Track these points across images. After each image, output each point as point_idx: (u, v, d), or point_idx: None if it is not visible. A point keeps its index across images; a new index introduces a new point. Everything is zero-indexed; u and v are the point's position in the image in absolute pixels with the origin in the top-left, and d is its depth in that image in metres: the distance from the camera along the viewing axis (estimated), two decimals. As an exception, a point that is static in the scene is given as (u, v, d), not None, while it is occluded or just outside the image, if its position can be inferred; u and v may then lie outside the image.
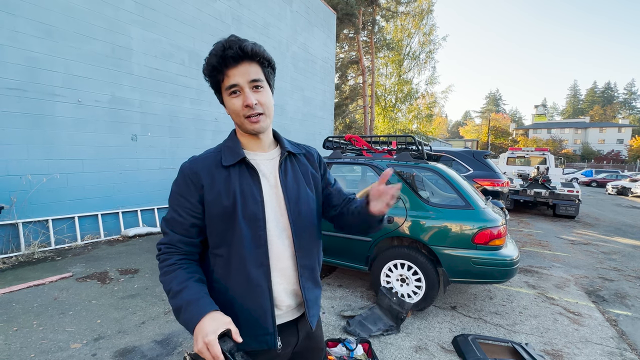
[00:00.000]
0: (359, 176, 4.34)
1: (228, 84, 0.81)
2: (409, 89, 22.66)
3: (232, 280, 0.85)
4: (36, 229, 4.49)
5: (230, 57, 0.78)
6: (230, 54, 0.78)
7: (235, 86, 0.80)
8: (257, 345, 0.86)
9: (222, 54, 0.78)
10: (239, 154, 0.87)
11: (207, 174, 0.85)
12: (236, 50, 0.77)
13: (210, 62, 0.80)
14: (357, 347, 2.25)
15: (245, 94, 0.81)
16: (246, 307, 0.85)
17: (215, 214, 0.84)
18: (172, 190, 0.89)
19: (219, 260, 0.87)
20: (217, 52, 0.79)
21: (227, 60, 0.78)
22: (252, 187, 0.86)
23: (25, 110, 4.35)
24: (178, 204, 0.86)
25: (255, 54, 0.80)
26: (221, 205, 0.84)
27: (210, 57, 0.80)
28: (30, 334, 2.44)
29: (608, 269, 4.54)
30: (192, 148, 6.73)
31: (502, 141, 50.80)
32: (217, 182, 0.85)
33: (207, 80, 0.85)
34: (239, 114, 0.83)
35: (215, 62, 0.79)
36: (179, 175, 0.87)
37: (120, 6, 5.28)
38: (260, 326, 0.85)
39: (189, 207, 0.85)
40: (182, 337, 2.46)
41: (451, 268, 2.79)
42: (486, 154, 7.19)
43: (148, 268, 3.93)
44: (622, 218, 9.21)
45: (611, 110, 68.45)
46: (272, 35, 8.82)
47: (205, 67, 0.82)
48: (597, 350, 2.51)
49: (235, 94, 0.82)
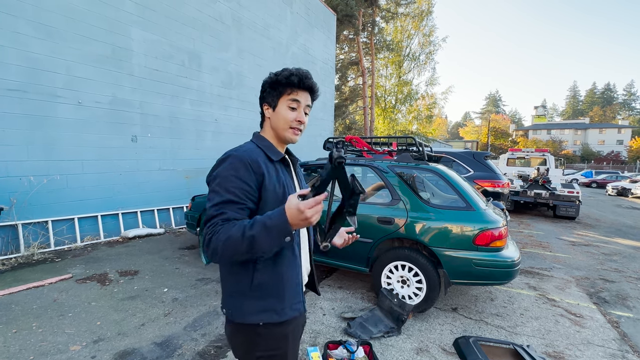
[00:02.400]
0: (360, 177, 4.34)
1: (294, 97, 1.01)
2: (408, 90, 22.69)
3: (282, 255, 0.99)
4: (36, 230, 4.48)
5: (305, 84, 1.01)
6: (307, 83, 1.01)
7: (297, 102, 1.02)
8: (292, 313, 1.02)
9: (304, 80, 1.00)
10: (279, 152, 1.06)
11: (264, 165, 0.98)
12: (310, 83, 1.02)
13: (291, 79, 1.00)
14: (357, 349, 2.23)
15: (301, 112, 1.03)
16: (290, 279, 1.01)
17: (270, 199, 0.97)
18: (225, 175, 0.93)
19: None
20: (300, 76, 1.00)
21: (303, 84, 1.01)
22: (290, 180, 1.08)
23: (26, 111, 4.35)
24: (236, 186, 0.92)
25: (316, 91, 1.06)
26: (275, 192, 0.98)
27: (292, 75, 1.00)
28: (30, 336, 2.43)
29: (609, 270, 4.53)
30: (193, 149, 6.73)
31: (502, 142, 50.79)
32: (272, 173, 1.00)
33: (272, 85, 1.02)
34: (287, 122, 1.02)
35: (295, 80, 1.00)
36: (236, 161, 0.94)
37: (121, 7, 5.29)
38: (297, 295, 1.04)
39: (248, 191, 0.93)
40: (182, 340, 2.45)
41: (452, 269, 2.78)
42: (486, 155, 7.19)
43: (148, 269, 3.92)
44: (623, 219, 9.20)
45: (611, 111, 68.46)
46: (272, 37, 8.83)
47: (283, 78, 1.00)
48: (599, 352, 2.50)
49: (293, 108, 1.02)
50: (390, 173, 3.21)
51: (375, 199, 3.35)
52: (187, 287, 3.45)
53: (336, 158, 0.76)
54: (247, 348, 0.99)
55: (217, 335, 2.52)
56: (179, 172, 6.50)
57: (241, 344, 1.00)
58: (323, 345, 2.33)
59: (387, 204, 3.12)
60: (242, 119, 7.84)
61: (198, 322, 2.72)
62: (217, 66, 7.17)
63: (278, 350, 1.00)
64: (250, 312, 0.97)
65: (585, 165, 40.77)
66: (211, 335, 2.53)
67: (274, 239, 0.82)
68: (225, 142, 7.36)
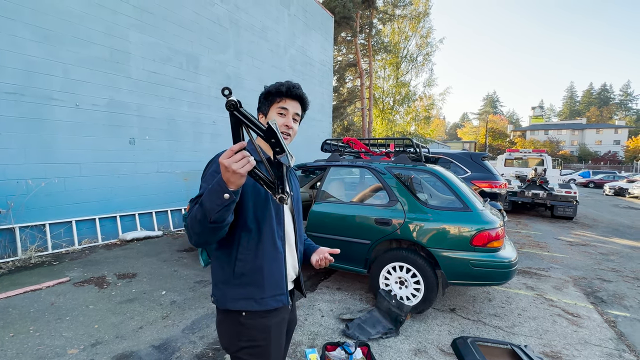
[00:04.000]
0: (357, 179, 4.35)
1: (282, 105, 1.11)
2: (406, 91, 22.75)
3: (262, 248, 1.06)
4: (33, 233, 4.47)
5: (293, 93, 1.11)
6: (295, 92, 1.11)
7: (285, 109, 1.11)
8: (275, 304, 1.08)
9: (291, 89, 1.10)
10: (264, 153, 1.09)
11: None
12: (298, 92, 1.12)
13: (280, 89, 1.11)
14: (356, 350, 2.24)
15: (289, 118, 1.12)
16: (271, 270, 1.08)
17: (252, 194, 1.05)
18: (211, 170, 1.04)
19: (248, 234, 1.06)
20: (288, 86, 1.10)
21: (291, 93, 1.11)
22: None
23: (23, 114, 4.34)
24: None
25: (304, 101, 1.16)
26: (258, 189, 1.06)
27: (281, 86, 1.11)
28: (27, 340, 2.42)
29: (606, 270, 4.55)
30: (191, 151, 6.73)
31: (499, 143, 50.97)
32: None
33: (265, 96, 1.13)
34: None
35: (284, 90, 1.10)
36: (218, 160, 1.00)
37: (119, 10, 5.29)
38: (279, 287, 1.10)
39: None
40: (180, 342, 2.45)
41: (450, 270, 2.79)
42: (484, 156, 7.21)
43: (146, 272, 3.92)
44: (620, 219, 9.25)
45: (607, 111, 68.82)
46: (270, 39, 8.86)
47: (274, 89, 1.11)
48: (596, 351, 2.51)
49: (282, 115, 1.11)
50: (387, 174, 3.22)
51: (372, 200, 3.36)
52: (186, 289, 3.44)
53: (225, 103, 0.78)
54: (231, 337, 1.07)
55: (215, 337, 2.52)
56: (177, 174, 6.49)
57: (226, 333, 1.09)
58: (321, 346, 2.33)
59: (385, 205, 3.13)
60: (240, 121, 7.82)
61: (196, 324, 2.72)
62: (215, 68, 7.17)
63: (261, 342, 1.06)
64: (232, 298, 1.06)
65: (583, 166, 40.94)
66: (209, 337, 2.52)
67: (213, 198, 0.86)
68: (224, 144, 7.36)
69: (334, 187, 3.75)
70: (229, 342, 1.08)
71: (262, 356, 1.06)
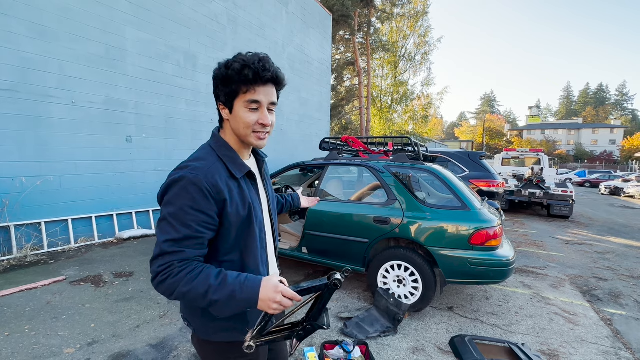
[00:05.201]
0: (356, 177, 4.35)
1: (251, 98, 0.82)
2: (404, 90, 22.79)
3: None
4: (28, 232, 4.43)
5: (264, 77, 0.81)
6: (266, 76, 0.81)
7: (257, 102, 0.83)
8: None
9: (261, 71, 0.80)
10: (243, 165, 0.92)
11: (225, 186, 0.85)
12: (271, 74, 0.81)
13: (244, 73, 0.79)
14: (354, 349, 2.24)
15: (264, 113, 0.85)
16: None
17: (234, 223, 0.87)
18: (180, 206, 0.79)
19: (228, 266, 0.88)
20: (255, 68, 0.79)
21: (261, 78, 0.81)
22: (257, 196, 0.96)
23: (18, 111, 4.29)
24: (194, 219, 0.79)
25: (281, 81, 0.86)
26: (239, 216, 0.87)
27: (243, 68, 0.79)
28: (22, 339, 2.39)
29: (602, 268, 4.58)
30: (188, 149, 6.68)
31: (497, 142, 51.17)
32: (234, 194, 0.87)
33: (224, 81, 0.83)
34: (249, 127, 0.86)
35: (250, 75, 0.79)
36: (192, 188, 0.80)
37: (115, 7, 5.24)
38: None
39: (209, 222, 0.82)
40: (178, 341, 2.44)
41: (448, 269, 2.79)
42: (481, 155, 7.24)
43: (143, 271, 3.89)
44: (616, 218, 9.32)
45: (603, 111, 69.27)
46: (268, 37, 8.82)
47: (234, 73, 0.80)
48: (593, 349, 2.52)
49: (254, 110, 0.84)
50: (386, 173, 3.22)
51: (371, 199, 3.36)
52: (183, 288, 3.42)
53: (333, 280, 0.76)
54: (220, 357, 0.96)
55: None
56: (174, 172, 6.45)
57: (212, 355, 0.97)
58: (319, 345, 2.33)
59: (383, 204, 3.12)
60: (238, 119, 7.80)
61: (194, 323, 2.70)
62: (213, 66, 6.94)
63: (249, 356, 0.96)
64: (215, 331, 0.92)
65: (579, 165, 41.22)
66: (207, 336, 2.51)
67: (236, 308, 0.78)
68: (221, 143, 7.32)
69: (332, 185, 3.74)
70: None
71: None
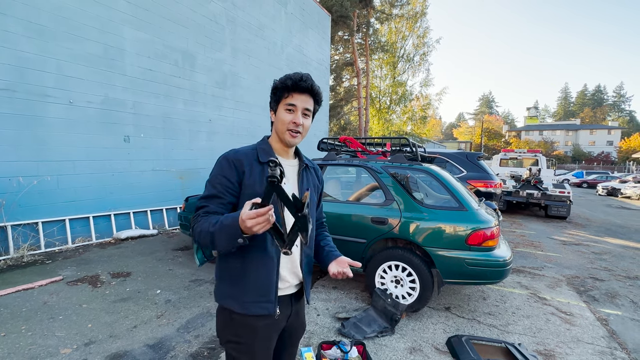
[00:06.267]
0: (354, 178, 4.35)
1: (289, 102, 1.05)
2: (403, 90, 22.82)
3: (251, 251, 1.02)
4: (25, 231, 4.41)
5: (301, 87, 1.04)
6: (303, 85, 1.03)
7: (293, 105, 1.05)
8: (258, 310, 1.04)
9: (298, 82, 1.03)
10: (271, 154, 1.10)
11: (248, 163, 1.06)
12: (306, 85, 1.04)
13: (286, 83, 1.04)
14: (351, 349, 2.24)
15: (298, 115, 1.06)
16: (257, 275, 1.04)
17: (248, 195, 1.02)
18: (215, 173, 1.06)
19: None
20: (295, 79, 1.03)
21: (298, 87, 1.04)
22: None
23: (15, 111, 4.28)
24: (219, 182, 1.03)
25: (316, 93, 1.08)
26: (254, 190, 1.03)
27: (287, 79, 1.04)
28: (19, 340, 2.39)
29: (599, 269, 4.60)
30: (186, 149, 6.69)
31: (495, 143, 51.34)
32: (254, 172, 1.06)
33: (273, 91, 1.07)
34: (284, 125, 1.06)
35: (290, 84, 1.03)
36: (224, 160, 1.06)
37: (113, 6, 5.23)
38: (265, 294, 1.04)
39: (229, 186, 1.03)
40: (175, 341, 2.43)
41: (445, 269, 2.80)
42: (479, 156, 7.26)
43: (140, 271, 3.88)
44: (613, 219, 9.36)
45: (601, 112, 69.56)
46: (267, 37, 8.82)
47: (280, 83, 1.05)
48: (589, 349, 2.54)
49: (290, 111, 1.05)
50: (384, 173, 3.22)
51: (369, 199, 3.37)
52: (181, 288, 3.42)
53: (267, 176, 0.78)
54: (222, 329, 1.11)
55: (211, 336, 2.51)
56: (172, 172, 6.45)
57: (218, 323, 1.12)
58: (317, 345, 2.33)
59: (381, 204, 3.13)
60: (236, 119, 7.81)
61: (191, 323, 2.70)
62: (211, 66, 7.13)
63: (245, 339, 1.06)
64: (222, 295, 1.08)
65: (576, 166, 41.41)
66: (204, 337, 2.51)
67: (226, 239, 0.89)
68: (220, 143, 7.33)
69: (330, 186, 3.74)
70: (220, 333, 1.12)
71: (246, 354, 1.06)
